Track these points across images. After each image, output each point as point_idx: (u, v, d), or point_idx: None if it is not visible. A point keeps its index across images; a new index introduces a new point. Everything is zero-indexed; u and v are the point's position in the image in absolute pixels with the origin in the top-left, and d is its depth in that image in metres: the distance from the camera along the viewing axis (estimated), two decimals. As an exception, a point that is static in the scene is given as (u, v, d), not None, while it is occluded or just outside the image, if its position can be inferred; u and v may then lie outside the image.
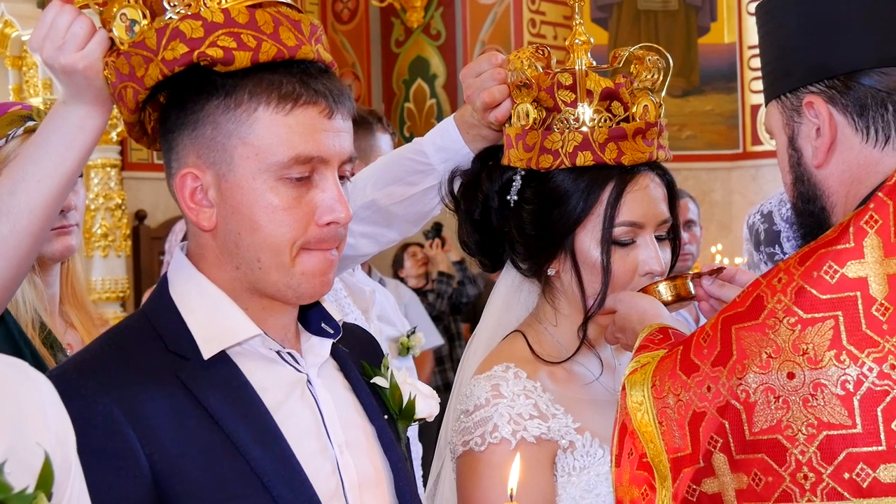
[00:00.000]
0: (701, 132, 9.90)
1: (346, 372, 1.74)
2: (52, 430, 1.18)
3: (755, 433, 1.54)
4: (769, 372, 1.53)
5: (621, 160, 1.99)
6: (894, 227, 1.53)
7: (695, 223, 5.14)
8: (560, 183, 2.02)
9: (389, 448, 1.72)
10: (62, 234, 2.44)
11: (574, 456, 1.96)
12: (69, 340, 2.49)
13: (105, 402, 1.46)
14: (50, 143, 1.71)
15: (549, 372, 2.03)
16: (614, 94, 2.03)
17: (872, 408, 1.48)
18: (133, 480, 1.45)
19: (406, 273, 7.80)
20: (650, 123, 2.02)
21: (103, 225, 6.91)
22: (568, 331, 2.09)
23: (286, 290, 1.60)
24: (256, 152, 1.55)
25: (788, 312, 1.54)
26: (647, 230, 2.03)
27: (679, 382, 1.64)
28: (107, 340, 1.61)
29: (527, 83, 2.03)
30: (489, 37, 9.28)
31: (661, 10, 9.96)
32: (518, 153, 2.05)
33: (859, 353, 1.49)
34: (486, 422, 1.95)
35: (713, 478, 1.59)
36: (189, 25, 1.54)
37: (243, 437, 1.52)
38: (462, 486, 2.00)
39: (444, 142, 2.19)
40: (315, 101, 1.57)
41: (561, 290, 2.09)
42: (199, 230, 1.61)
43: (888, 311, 1.50)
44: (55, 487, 1.11)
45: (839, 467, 1.49)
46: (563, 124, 2.01)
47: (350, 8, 9.78)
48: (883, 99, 1.65)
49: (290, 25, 1.58)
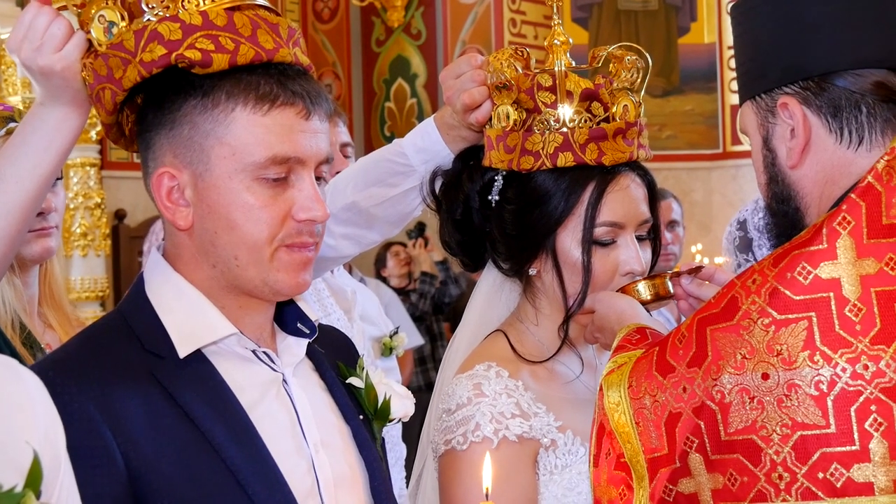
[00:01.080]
0: (681, 132, 9.93)
1: (321, 372, 1.75)
2: (40, 428, 1.18)
3: (730, 433, 1.55)
4: (744, 373, 1.54)
5: (602, 160, 2.00)
6: (867, 229, 1.54)
7: (678, 223, 5.15)
8: (541, 183, 2.02)
9: (364, 447, 1.72)
10: (41, 237, 2.44)
11: (556, 454, 1.97)
12: (48, 341, 2.49)
13: (81, 401, 1.46)
14: (27, 145, 1.71)
15: (530, 371, 2.04)
16: (594, 95, 2.04)
17: (846, 408, 1.49)
18: (109, 479, 1.45)
19: (389, 273, 7.80)
20: (630, 123, 2.03)
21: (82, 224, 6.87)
22: (549, 330, 2.10)
23: (263, 286, 1.60)
24: (233, 152, 1.56)
25: (762, 313, 1.54)
26: (628, 230, 2.04)
27: (655, 383, 1.65)
28: (83, 339, 1.61)
29: (507, 85, 2.04)
30: (469, 36, 9.29)
31: (641, 10, 9.99)
32: (499, 154, 2.05)
33: (833, 353, 1.50)
34: (468, 421, 1.96)
35: (689, 478, 1.60)
36: (167, 27, 1.54)
37: (219, 436, 1.52)
38: (444, 485, 2.01)
39: (425, 143, 2.20)
40: (292, 101, 1.58)
41: (542, 290, 2.10)
42: (176, 229, 1.62)
43: (861, 311, 1.51)
44: (44, 485, 1.11)
45: (813, 467, 1.50)
46: (544, 125, 2.02)
47: (330, 7, 9.77)
48: (857, 100, 1.66)
49: (268, 28, 1.59)
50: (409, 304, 7.23)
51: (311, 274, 1.66)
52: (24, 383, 1.21)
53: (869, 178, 1.58)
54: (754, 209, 3.11)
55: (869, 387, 1.49)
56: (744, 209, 3.58)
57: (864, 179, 1.58)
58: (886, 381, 1.48)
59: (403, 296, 7.31)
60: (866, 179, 1.58)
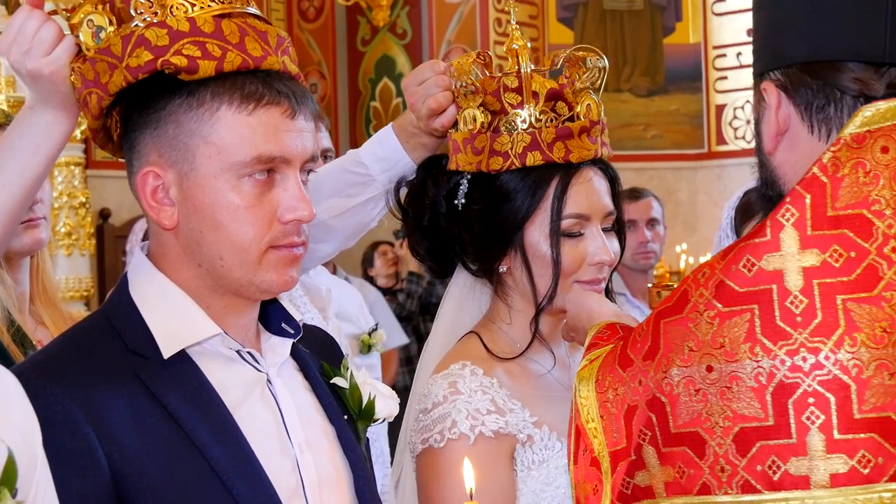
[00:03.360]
0: (666, 132, 9.96)
1: (305, 372, 1.75)
2: (17, 427, 1.18)
3: (678, 426, 1.55)
4: (691, 365, 1.54)
5: (569, 158, 2.05)
6: (811, 221, 1.54)
7: (658, 222, 5.17)
8: (506, 182, 2.06)
9: (349, 448, 1.73)
10: (30, 228, 2.44)
11: (533, 450, 1.99)
12: (39, 337, 2.48)
13: (65, 402, 1.46)
14: (16, 148, 1.71)
15: (505, 368, 2.07)
16: (559, 95, 2.08)
17: (783, 401, 1.49)
18: (92, 480, 1.45)
19: (376, 272, 7.79)
20: (594, 121, 2.08)
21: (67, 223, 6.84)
22: (522, 328, 2.13)
23: (249, 286, 1.60)
24: (218, 151, 1.56)
25: (708, 306, 1.54)
26: (594, 222, 2.08)
27: (617, 377, 1.66)
28: (66, 340, 1.61)
29: (473, 88, 2.07)
30: (455, 36, 9.29)
31: (626, 10, 10.01)
32: (467, 157, 2.09)
33: (772, 345, 1.49)
34: (444, 418, 1.98)
35: (644, 471, 1.60)
36: (154, 33, 1.55)
37: (203, 436, 1.52)
38: (422, 484, 2.02)
39: (384, 152, 2.21)
40: (277, 101, 1.58)
41: (513, 287, 2.13)
42: (161, 229, 1.62)
43: (802, 303, 1.51)
44: (20, 483, 1.11)
45: (752, 460, 1.50)
46: (511, 126, 2.05)
47: (316, 6, 9.76)
48: (828, 93, 1.65)
49: (256, 36, 1.59)
50: (396, 303, 7.23)
51: (299, 271, 1.66)
52: (0, 382, 1.21)
53: (814, 170, 1.57)
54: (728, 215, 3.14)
55: (807, 379, 1.48)
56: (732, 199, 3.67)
57: (810, 171, 1.57)
58: (825, 374, 1.48)
59: (391, 295, 7.31)
60: (811, 171, 1.57)
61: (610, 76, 2.22)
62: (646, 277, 5.21)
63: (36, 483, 1.22)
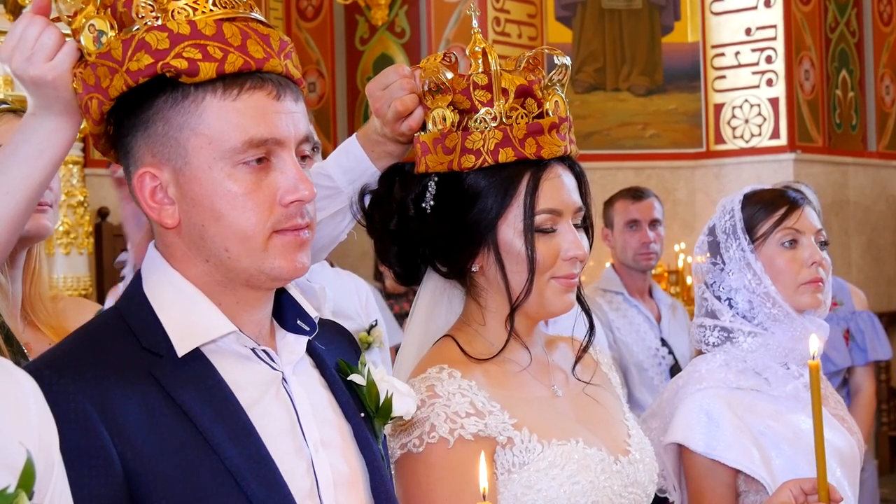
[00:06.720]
0: (664, 131, 9.94)
1: (321, 369, 1.73)
2: (34, 430, 1.18)
3: None
4: None
5: (541, 154, 2.05)
6: None
7: (660, 222, 5.19)
8: (475, 181, 2.06)
9: (365, 446, 1.71)
10: (37, 212, 2.40)
11: (513, 452, 1.97)
12: (27, 339, 2.47)
13: (78, 400, 1.45)
14: (19, 155, 1.71)
15: (483, 370, 2.05)
16: (528, 92, 2.08)
17: None
18: (105, 479, 1.44)
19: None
20: (562, 118, 2.09)
21: (65, 222, 6.83)
22: (497, 328, 2.11)
23: (259, 274, 1.59)
24: (209, 141, 1.55)
25: None
26: (566, 217, 2.08)
27: None
28: (80, 337, 1.60)
29: (442, 87, 2.07)
30: (454, 35, 9.29)
31: (624, 9, 9.99)
32: (437, 157, 2.08)
33: None
34: (422, 423, 1.96)
35: None
36: (155, 37, 1.54)
37: (217, 436, 1.51)
38: (402, 490, 1.99)
39: (350, 162, 2.19)
40: (261, 84, 1.57)
41: (486, 286, 2.11)
42: (164, 229, 1.61)
43: None
44: (37, 486, 1.11)
45: None
46: (482, 123, 2.05)
47: (314, 5, 9.75)
48: None
49: (258, 39, 1.58)
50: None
51: (309, 256, 1.64)
52: (19, 384, 1.21)
53: None
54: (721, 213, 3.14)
55: None
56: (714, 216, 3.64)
57: None
58: None
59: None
60: None
61: (608, 75, 2.24)
62: (645, 277, 5.23)
63: (52, 484, 1.22)
